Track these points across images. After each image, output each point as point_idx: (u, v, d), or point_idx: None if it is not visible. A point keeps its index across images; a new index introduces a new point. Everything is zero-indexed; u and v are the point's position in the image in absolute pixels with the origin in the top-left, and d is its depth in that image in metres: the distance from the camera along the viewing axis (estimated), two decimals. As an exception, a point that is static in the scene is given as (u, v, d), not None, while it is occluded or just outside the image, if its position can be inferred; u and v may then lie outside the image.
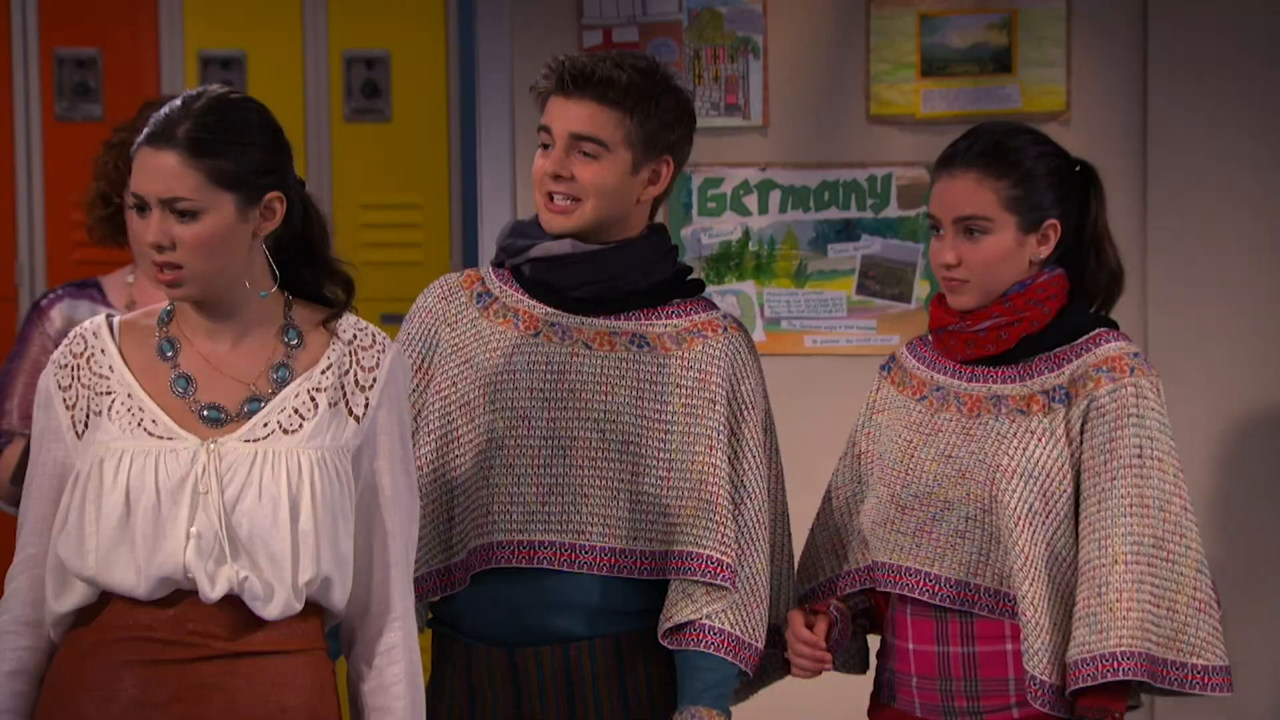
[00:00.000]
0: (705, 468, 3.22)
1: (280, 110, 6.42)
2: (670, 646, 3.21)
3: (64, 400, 2.87)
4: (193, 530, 2.78)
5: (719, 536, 3.20)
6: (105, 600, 2.82)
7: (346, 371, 2.90)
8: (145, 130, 2.83)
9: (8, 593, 2.89)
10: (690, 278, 3.35)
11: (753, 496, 3.26)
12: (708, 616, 3.19)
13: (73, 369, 2.88)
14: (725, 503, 3.22)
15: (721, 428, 3.24)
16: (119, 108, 5.96)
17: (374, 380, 2.91)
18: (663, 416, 3.23)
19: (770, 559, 3.30)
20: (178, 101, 2.83)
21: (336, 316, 2.93)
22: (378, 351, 2.92)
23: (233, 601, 2.81)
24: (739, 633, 3.20)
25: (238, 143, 2.82)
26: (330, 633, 2.95)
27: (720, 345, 3.27)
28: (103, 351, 2.88)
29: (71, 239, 5.98)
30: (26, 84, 6.04)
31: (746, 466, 3.26)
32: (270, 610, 2.82)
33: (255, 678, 2.82)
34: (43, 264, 6.06)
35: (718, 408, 3.24)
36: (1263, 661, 4.63)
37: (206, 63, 6.03)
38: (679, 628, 3.21)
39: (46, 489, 2.88)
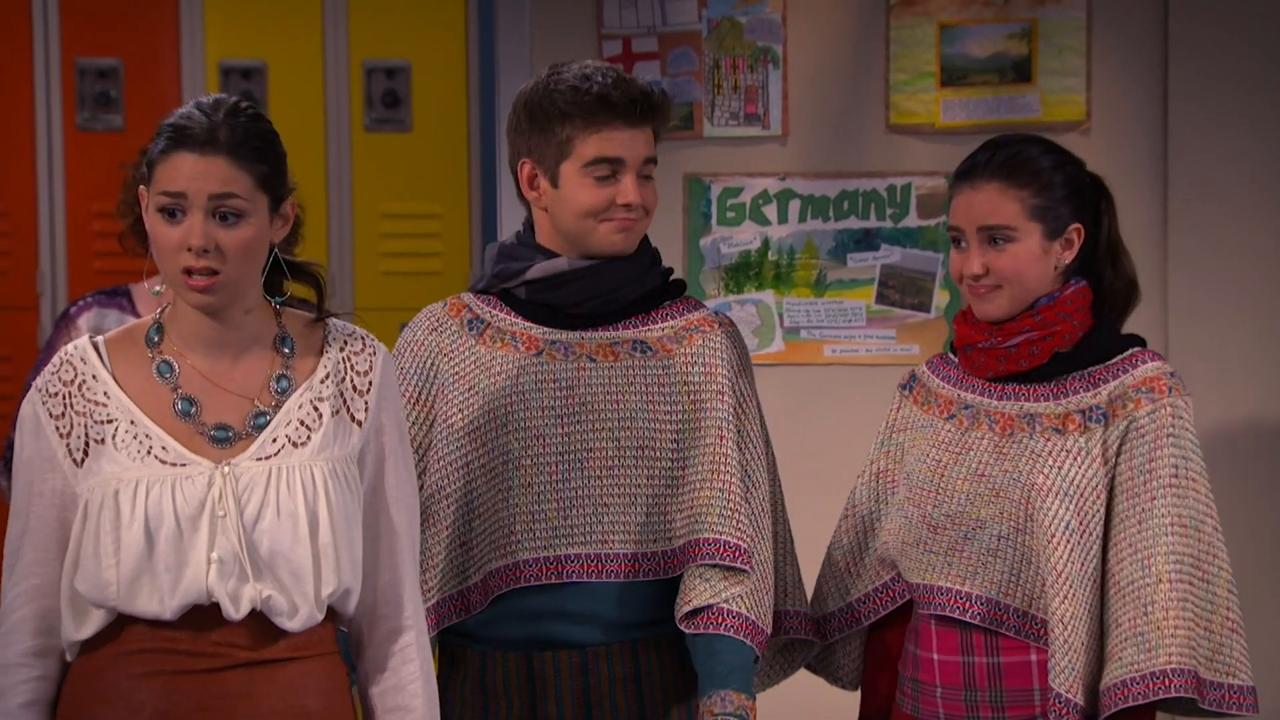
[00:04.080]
0: (717, 457, 3.23)
1: (301, 120, 6.43)
2: (688, 631, 3.21)
3: (57, 429, 2.82)
4: (214, 555, 2.77)
5: (734, 522, 3.21)
6: (123, 618, 2.80)
7: (343, 378, 2.89)
8: (174, 135, 2.79)
9: (9, 626, 2.84)
10: (672, 279, 3.37)
11: (758, 485, 3.28)
12: (726, 600, 3.19)
13: (64, 397, 2.83)
14: (738, 490, 3.23)
15: (729, 417, 3.25)
16: (140, 118, 5.98)
17: (370, 383, 2.91)
18: (673, 416, 3.25)
19: (774, 547, 3.31)
20: (201, 109, 2.80)
21: (322, 320, 2.93)
22: (369, 354, 2.92)
23: (254, 613, 2.80)
24: (754, 617, 3.21)
25: (268, 148, 2.82)
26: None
27: (719, 339, 3.30)
28: (94, 378, 2.84)
29: (92, 248, 6.00)
30: (48, 93, 6.05)
31: (749, 456, 3.28)
32: (294, 624, 2.81)
33: (277, 684, 2.82)
34: (64, 273, 6.08)
35: (725, 398, 3.26)
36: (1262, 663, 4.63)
37: (227, 73, 6.04)
38: (696, 612, 3.21)
39: (48, 518, 2.83)
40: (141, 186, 2.84)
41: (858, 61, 4.81)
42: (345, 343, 2.92)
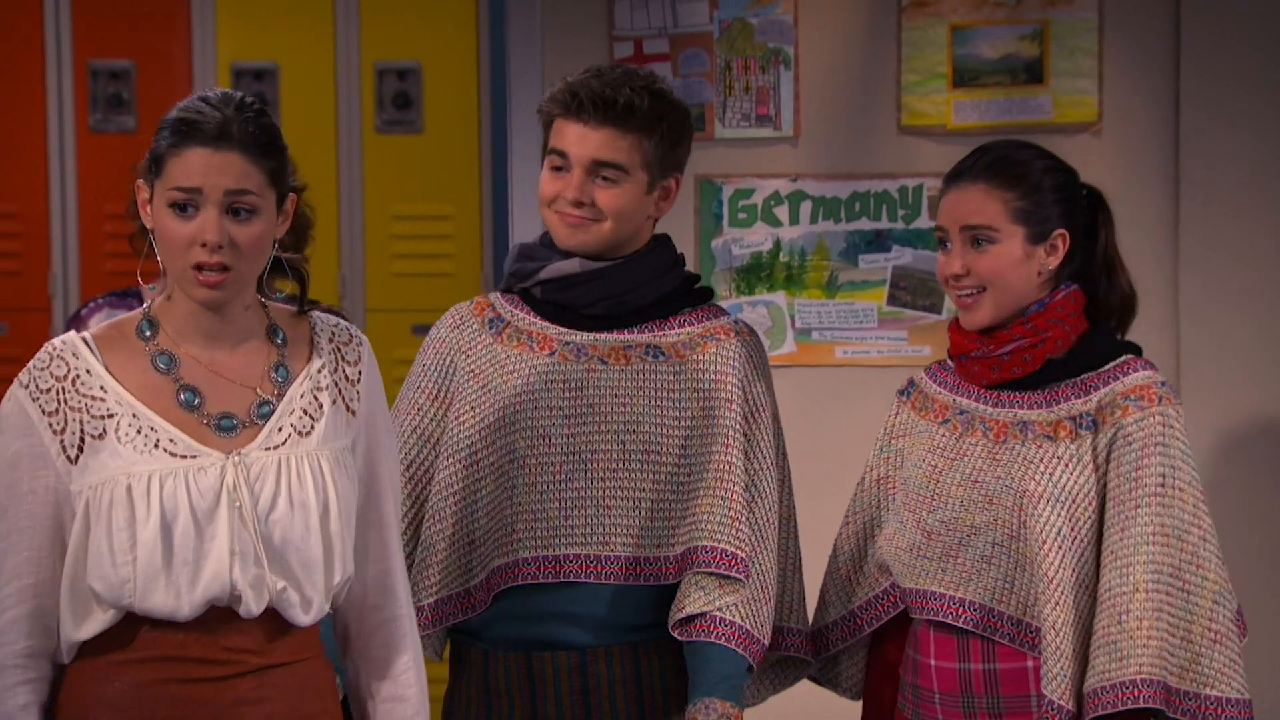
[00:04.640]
0: (722, 465, 3.23)
1: (312, 121, 6.43)
2: (681, 638, 3.21)
3: (50, 425, 2.76)
4: (235, 547, 2.75)
5: (734, 531, 3.21)
6: (130, 621, 2.77)
7: (337, 368, 2.89)
8: (185, 129, 2.77)
9: (1, 625, 2.78)
10: (698, 285, 3.36)
11: (764, 496, 3.27)
12: (720, 609, 3.20)
13: (57, 393, 2.77)
14: (740, 499, 3.23)
15: (737, 426, 3.25)
16: (152, 119, 5.97)
17: (360, 373, 2.91)
18: (681, 422, 3.24)
19: (777, 560, 3.30)
20: (209, 103, 2.78)
21: (305, 311, 2.92)
22: (357, 345, 2.92)
23: (263, 615, 2.79)
24: (749, 626, 3.20)
25: (275, 144, 2.81)
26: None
27: (733, 347, 3.29)
28: (88, 372, 2.79)
29: (104, 250, 6.01)
30: (60, 95, 6.07)
31: (757, 467, 3.27)
32: (306, 617, 2.81)
33: (283, 688, 2.81)
34: (76, 274, 6.08)
35: (734, 407, 3.25)
36: (1264, 664, 4.62)
37: (239, 74, 6.05)
38: (690, 619, 3.21)
39: (41, 516, 2.77)
40: (139, 180, 2.82)
41: (869, 63, 4.80)
42: (333, 334, 2.92)
